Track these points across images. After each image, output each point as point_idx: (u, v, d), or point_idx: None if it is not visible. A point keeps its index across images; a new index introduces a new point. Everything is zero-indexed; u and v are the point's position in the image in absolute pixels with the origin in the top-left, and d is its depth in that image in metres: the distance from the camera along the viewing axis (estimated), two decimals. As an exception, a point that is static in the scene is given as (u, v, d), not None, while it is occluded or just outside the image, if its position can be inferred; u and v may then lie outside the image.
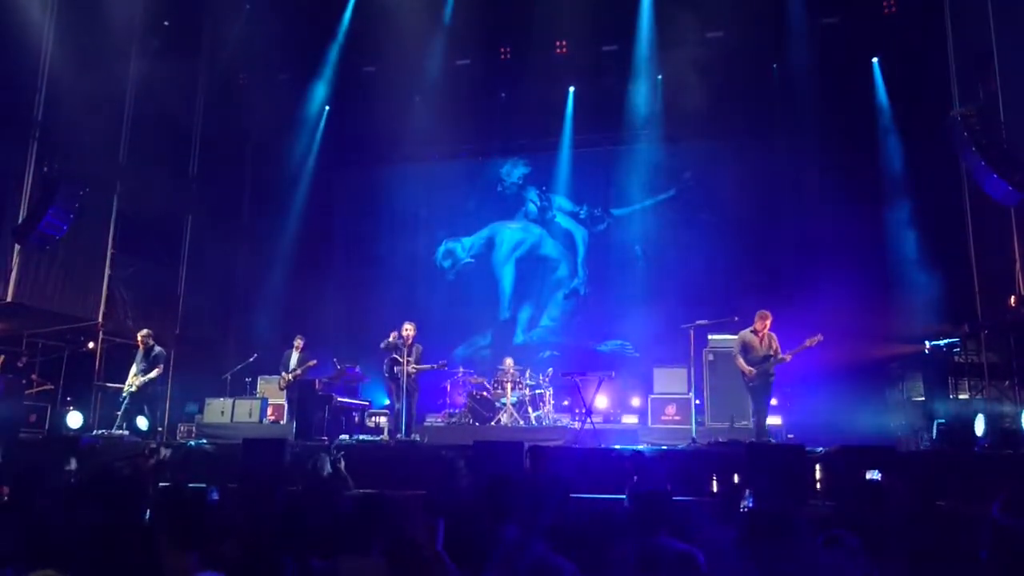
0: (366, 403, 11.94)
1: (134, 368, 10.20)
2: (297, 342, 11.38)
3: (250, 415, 11.09)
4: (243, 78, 13.90)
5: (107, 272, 11.86)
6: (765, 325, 8.90)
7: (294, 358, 11.33)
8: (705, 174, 13.45)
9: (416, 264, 14.89)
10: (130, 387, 10.05)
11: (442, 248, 15.00)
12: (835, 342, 8.74)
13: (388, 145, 14.37)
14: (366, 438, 10.09)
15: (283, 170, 14.54)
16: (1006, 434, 7.81)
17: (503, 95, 14.16)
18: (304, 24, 13.26)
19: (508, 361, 11.66)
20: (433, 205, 15.11)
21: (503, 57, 13.83)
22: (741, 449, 7.27)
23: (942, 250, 11.15)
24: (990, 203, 9.36)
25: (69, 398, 11.47)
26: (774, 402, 9.30)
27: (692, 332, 9.56)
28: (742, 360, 8.84)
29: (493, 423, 10.78)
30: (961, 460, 7.23)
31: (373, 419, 11.64)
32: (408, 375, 9.89)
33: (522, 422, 10.80)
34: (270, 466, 7.60)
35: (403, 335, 10.04)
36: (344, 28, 13.57)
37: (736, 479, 6.82)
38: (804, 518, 3.14)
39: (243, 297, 14.21)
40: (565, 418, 11.39)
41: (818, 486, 7.02)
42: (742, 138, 12.66)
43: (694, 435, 9.16)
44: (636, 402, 11.82)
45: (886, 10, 12.02)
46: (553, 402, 11.57)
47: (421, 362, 10.20)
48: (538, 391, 11.44)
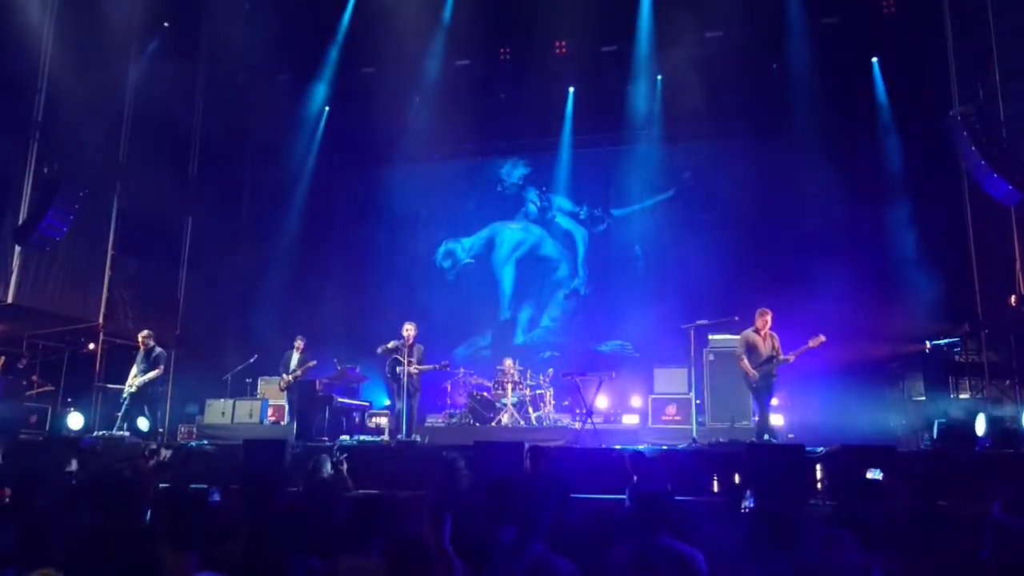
0: (366, 404, 11.96)
1: (134, 369, 10.19)
2: (297, 343, 11.37)
3: (250, 416, 11.09)
4: (243, 78, 13.91)
5: (107, 273, 11.87)
6: (766, 322, 8.86)
7: (294, 359, 11.31)
8: (705, 174, 13.46)
9: (416, 264, 14.89)
10: (130, 388, 10.04)
11: (442, 248, 15.01)
12: (835, 342, 8.73)
13: (388, 145, 14.35)
14: (367, 439, 10.09)
15: (283, 170, 14.54)
16: (1007, 434, 7.81)
17: (503, 95, 14.15)
18: (304, 25, 13.28)
19: (508, 361, 11.65)
20: (433, 205, 15.11)
21: (503, 57, 13.83)
22: (742, 449, 7.27)
23: (942, 250, 11.14)
24: (990, 202, 9.35)
25: (70, 399, 11.48)
26: (775, 402, 9.29)
27: (692, 332, 9.54)
28: (746, 361, 8.77)
29: (494, 423, 10.78)
30: (962, 460, 7.23)
31: (374, 420, 11.65)
32: (410, 375, 9.90)
33: (522, 422, 10.80)
34: (271, 467, 7.61)
35: (403, 335, 10.05)
36: (344, 28, 13.57)
37: (737, 479, 6.82)
38: (805, 518, 3.15)
39: (243, 298, 14.20)
40: (565, 418, 11.38)
41: (819, 486, 7.03)
42: (742, 138, 12.65)
43: (695, 435, 9.15)
44: (636, 402, 11.82)
45: (885, 10, 12.03)
46: (553, 402, 11.56)
47: (423, 362, 10.21)
48: (538, 391, 11.44)
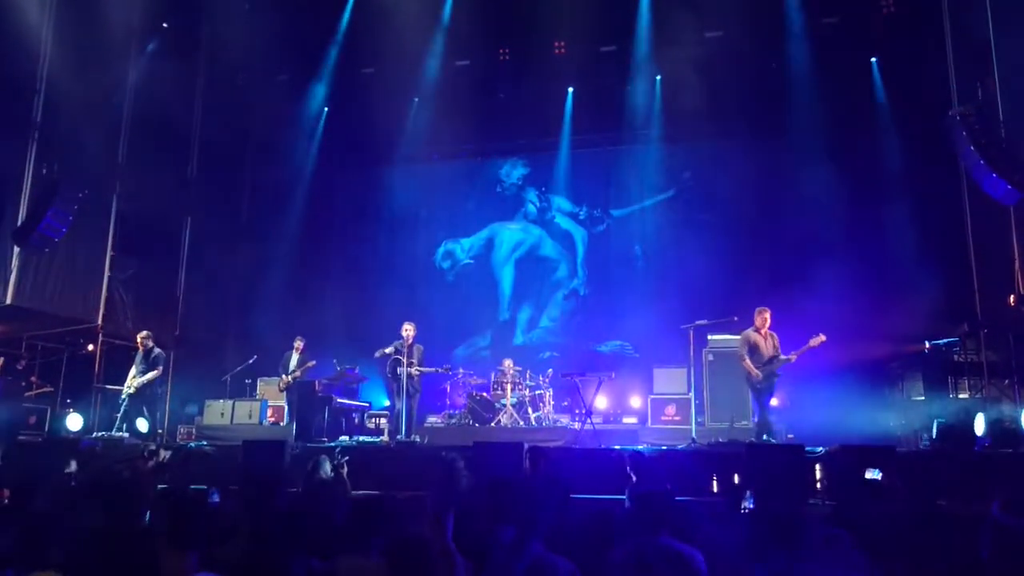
0: (366, 404, 11.95)
1: (133, 370, 10.19)
2: (297, 343, 11.36)
3: (250, 417, 11.09)
4: (243, 79, 13.90)
5: (106, 274, 11.85)
6: (765, 321, 8.83)
7: (294, 359, 11.31)
8: (704, 174, 13.46)
9: (415, 265, 14.89)
10: (129, 389, 10.04)
11: (441, 249, 15.01)
12: (835, 342, 8.72)
13: (387, 146, 14.36)
14: (366, 439, 10.09)
15: (283, 171, 14.53)
16: (1006, 434, 7.81)
17: (502, 96, 14.15)
18: (303, 25, 13.27)
19: (507, 362, 11.65)
20: (432, 206, 15.12)
21: (502, 58, 13.83)
22: (741, 449, 7.27)
23: (941, 249, 11.14)
24: (989, 202, 9.35)
25: (69, 400, 11.46)
26: (774, 402, 9.28)
27: (692, 332, 9.54)
28: (749, 362, 8.71)
29: (493, 424, 10.78)
30: (961, 460, 7.22)
31: (373, 420, 11.64)
32: (411, 376, 9.89)
33: (522, 423, 10.80)
34: (270, 468, 7.61)
35: (403, 335, 10.05)
36: (343, 29, 13.57)
37: (736, 479, 6.82)
38: (805, 518, 3.15)
39: (243, 298, 14.19)
40: (565, 419, 11.38)
41: (818, 486, 7.02)
42: (741, 138, 12.65)
43: (694, 435, 9.15)
44: (636, 402, 11.82)
45: (885, 10, 12.04)
46: (553, 403, 11.56)
47: (423, 363, 10.21)
48: (538, 392, 11.44)
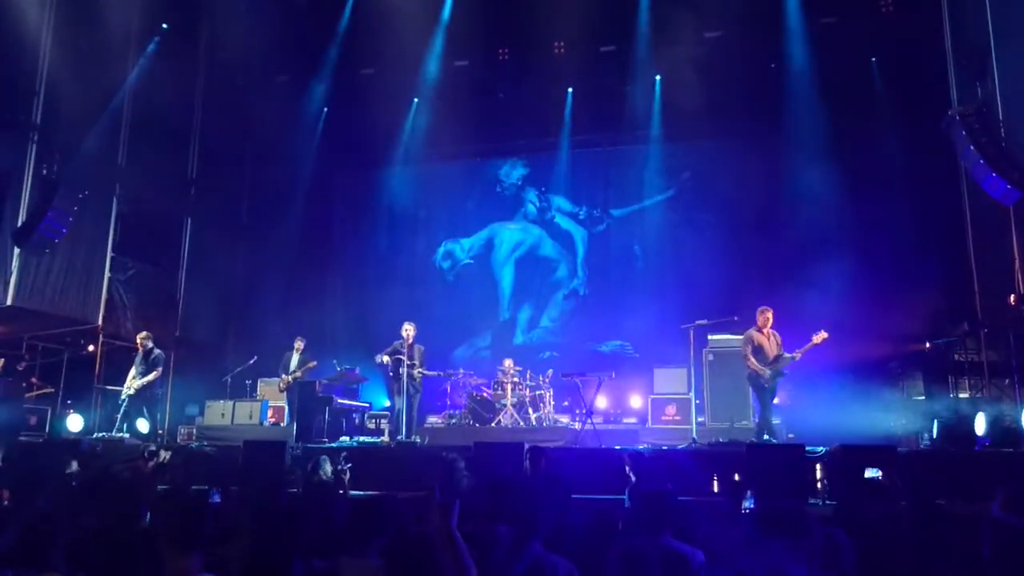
0: (366, 405, 11.94)
1: (133, 370, 10.19)
2: (297, 344, 11.36)
3: (250, 417, 11.09)
4: (242, 79, 13.91)
5: (106, 274, 11.85)
6: (767, 320, 8.81)
7: (294, 360, 11.31)
8: (704, 174, 13.47)
9: (415, 265, 14.90)
10: (129, 390, 10.05)
11: (441, 249, 15.01)
12: (835, 342, 8.72)
13: (387, 146, 14.37)
14: (366, 440, 10.09)
15: (282, 171, 14.52)
16: (1006, 433, 7.81)
17: (501, 96, 14.16)
18: (303, 25, 13.27)
19: (508, 362, 11.63)
20: (432, 206, 15.12)
21: (501, 58, 13.84)
22: (741, 449, 7.27)
23: (941, 249, 11.15)
24: (989, 202, 9.36)
25: (69, 401, 11.46)
26: (776, 401, 9.28)
27: (692, 332, 9.53)
28: (754, 361, 8.69)
29: (493, 424, 10.78)
30: (961, 459, 7.23)
31: (373, 421, 11.64)
32: (411, 376, 9.89)
33: (522, 423, 10.79)
34: (271, 468, 7.61)
35: (403, 335, 10.05)
36: (343, 29, 13.57)
37: (737, 479, 6.82)
38: (805, 518, 3.14)
39: (243, 299, 14.20)
40: (565, 419, 11.37)
41: (819, 486, 7.03)
42: (741, 138, 12.65)
43: (694, 435, 9.15)
44: (636, 402, 11.82)
45: (883, 9, 12.04)
46: (553, 403, 11.55)
47: (424, 363, 10.21)
48: (538, 392, 11.43)
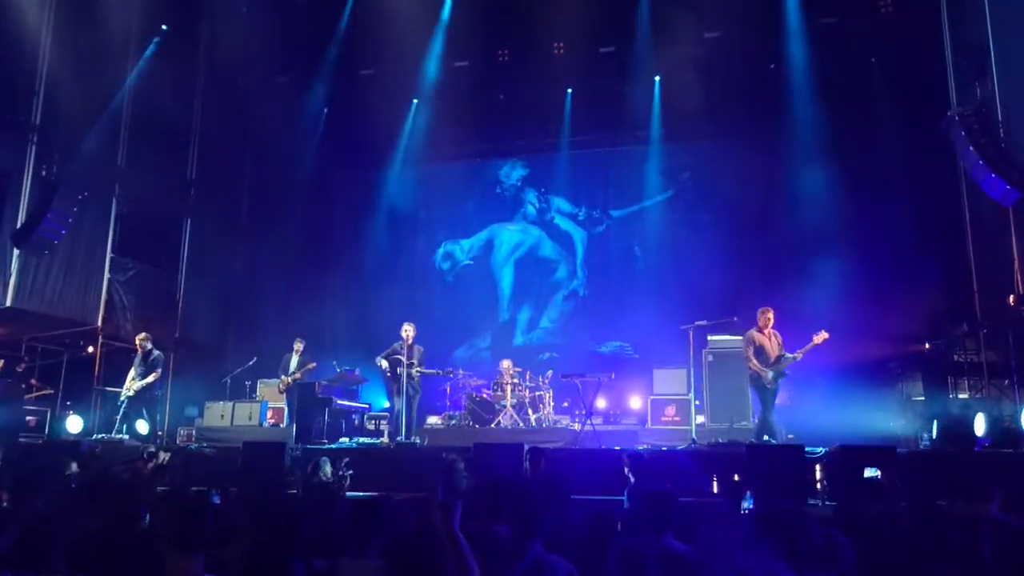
0: (366, 406, 11.94)
1: (132, 372, 10.19)
2: (297, 345, 11.35)
3: (250, 418, 11.06)
4: (242, 80, 13.91)
5: (106, 275, 11.84)
6: (768, 321, 8.80)
7: (294, 361, 11.30)
8: (704, 174, 13.48)
9: (415, 266, 14.90)
10: (128, 391, 10.04)
11: (441, 250, 15.01)
12: (835, 342, 8.72)
13: (387, 147, 14.38)
14: (366, 441, 10.08)
15: (282, 172, 14.51)
16: (1006, 433, 7.82)
17: (501, 97, 14.17)
18: (303, 26, 13.28)
19: (506, 363, 11.62)
20: (432, 207, 15.13)
21: (501, 59, 13.83)
22: (741, 450, 7.27)
23: (941, 249, 11.15)
24: (988, 202, 9.36)
25: (69, 402, 11.45)
26: (776, 401, 9.27)
27: (691, 333, 9.52)
28: (756, 363, 8.67)
29: (493, 425, 10.77)
30: (961, 459, 7.23)
31: (373, 422, 11.64)
32: (411, 376, 9.89)
33: (522, 424, 10.79)
34: (270, 469, 7.61)
35: (402, 336, 10.05)
36: (342, 30, 13.57)
37: (736, 480, 6.82)
38: (805, 518, 3.14)
39: (242, 300, 14.19)
40: (565, 420, 11.37)
41: (818, 486, 7.03)
42: (740, 138, 12.65)
43: (694, 436, 9.14)
44: (636, 403, 11.81)
45: (883, 10, 12.05)
46: (553, 404, 11.55)
47: (423, 363, 10.20)
48: (538, 393, 11.42)
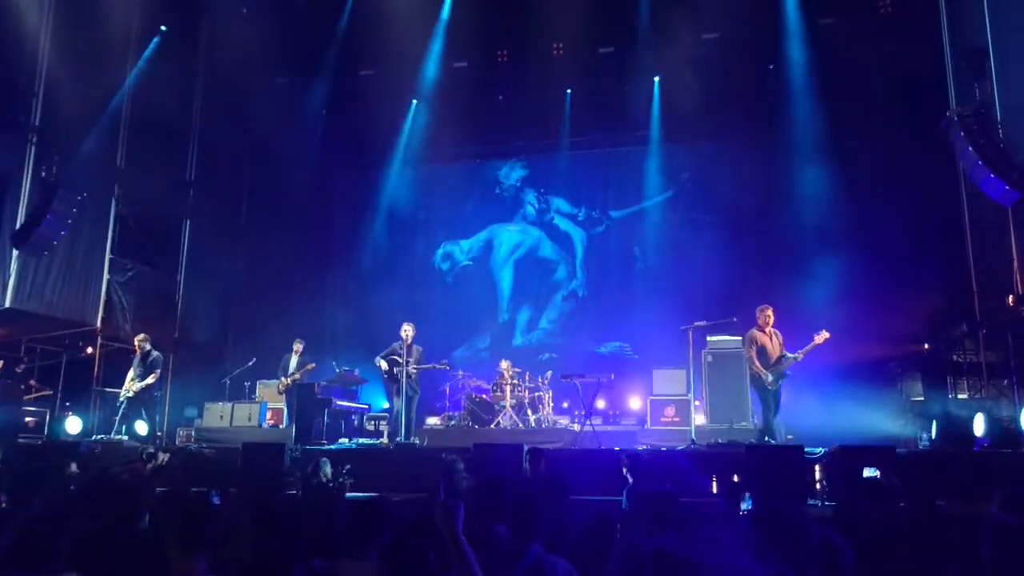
0: (365, 406, 11.94)
1: (131, 372, 10.19)
2: (296, 346, 11.35)
3: (249, 419, 11.07)
4: (241, 80, 13.89)
5: (105, 276, 11.85)
6: (768, 319, 8.79)
7: (293, 362, 11.30)
8: (703, 175, 13.48)
9: (415, 267, 14.91)
10: (127, 392, 10.04)
11: (440, 251, 15.01)
12: (834, 342, 8.72)
13: (386, 147, 14.38)
14: (365, 442, 10.08)
15: (282, 173, 14.50)
16: (1005, 433, 7.82)
17: (501, 97, 14.19)
18: (302, 26, 13.29)
19: (505, 363, 11.62)
20: (431, 208, 15.14)
21: (500, 59, 13.86)
22: (740, 450, 7.27)
23: (940, 250, 11.15)
24: (987, 202, 9.36)
25: (68, 403, 11.45)
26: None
27: (691, 333, 9.52)
28: (758, 364, 8.65)
29: (492, 426, 10.78)
30: (961, 460, 7.23)
31: (372, 422, 11.63)
32: (409, 377, 9.89)
33: (521, 424, 10.79)
34: (270, 470, 7.61)
35: (402, 336, 10.05)
36: (342, 30, 13.58)
37: (736, 480, 6.82)
38: (805, 519, 3.14)
39: (242, 300, 14.19)
40: (564, 420, 11.37)
41: (818, 487, 7.03)
42: (739, 138, 12.65)
43: (693, 436, 9.14)
44: (636, 404, 11.81)
45: (882, 10, 12.05)
46: (552, 404, 11.55)
47: (421, 363, 10.20)
48: (537, 393, 11.42)
